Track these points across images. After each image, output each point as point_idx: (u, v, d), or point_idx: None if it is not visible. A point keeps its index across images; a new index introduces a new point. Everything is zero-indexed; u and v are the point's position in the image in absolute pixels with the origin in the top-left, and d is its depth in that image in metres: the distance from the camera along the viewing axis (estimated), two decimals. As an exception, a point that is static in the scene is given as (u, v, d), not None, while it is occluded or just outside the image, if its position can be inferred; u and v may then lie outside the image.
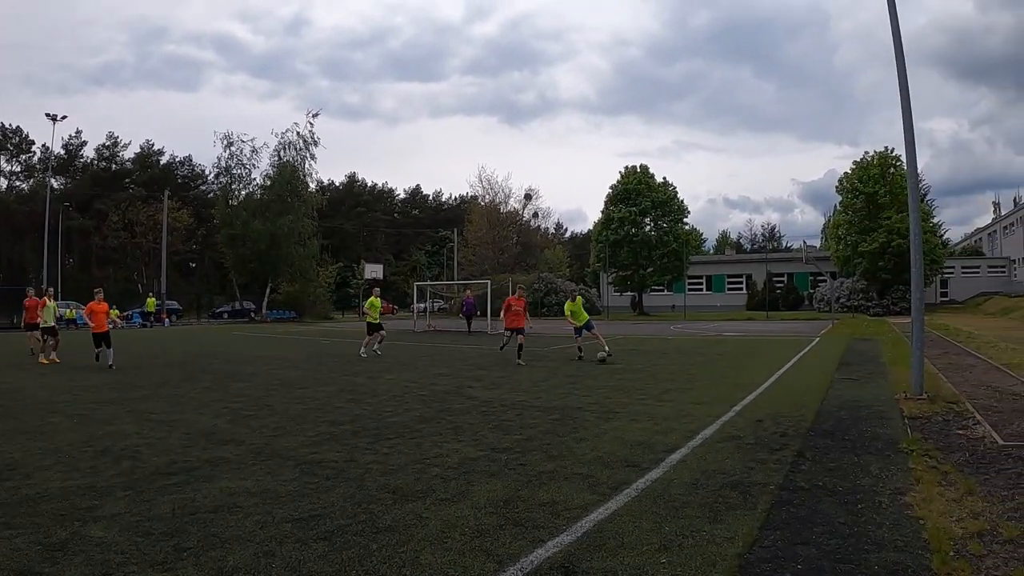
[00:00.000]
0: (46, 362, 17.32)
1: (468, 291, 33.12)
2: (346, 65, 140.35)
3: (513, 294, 17.94)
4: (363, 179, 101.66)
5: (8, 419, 9.13)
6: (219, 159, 61.25)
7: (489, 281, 38.09)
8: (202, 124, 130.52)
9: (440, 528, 4.57)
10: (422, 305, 31.42)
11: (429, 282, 47.03)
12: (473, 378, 13.44)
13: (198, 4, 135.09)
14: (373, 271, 58.86)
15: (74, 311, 39.67)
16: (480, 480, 5.80)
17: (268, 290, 57.71)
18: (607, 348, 16.60)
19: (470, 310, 31.25)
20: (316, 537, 4.46)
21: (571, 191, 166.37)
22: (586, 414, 9.06)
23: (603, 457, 6.54)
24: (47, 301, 18.42)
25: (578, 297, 18.13)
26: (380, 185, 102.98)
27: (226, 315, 56.17)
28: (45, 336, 18.09)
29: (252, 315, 55.18)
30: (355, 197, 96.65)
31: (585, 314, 17.73)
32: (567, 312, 17.80)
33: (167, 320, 48.86)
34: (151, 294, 50.40)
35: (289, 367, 16.36)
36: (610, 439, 7.39)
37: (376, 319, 19.09)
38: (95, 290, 17.09)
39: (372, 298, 19.39)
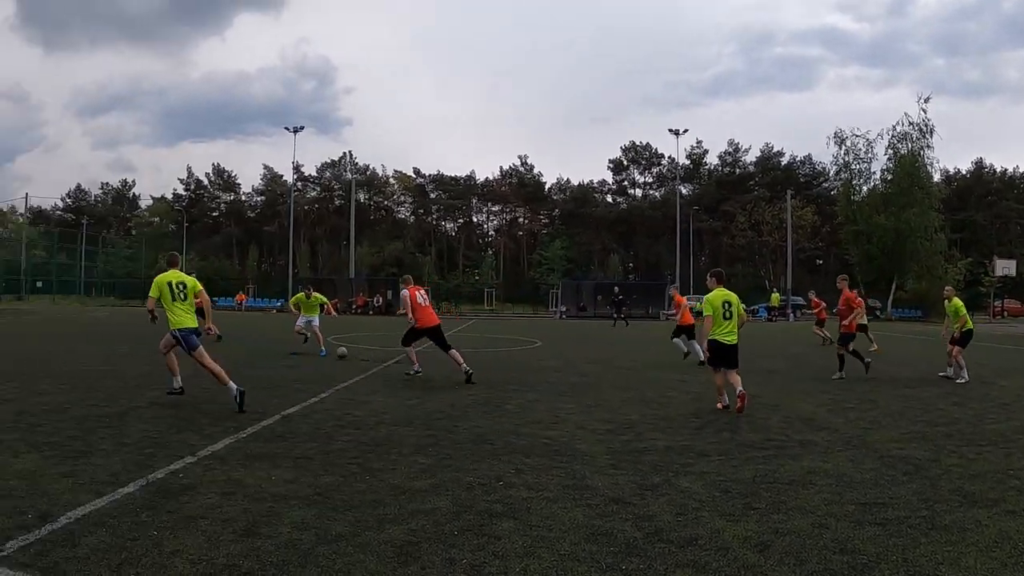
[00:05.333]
0: None
1: None
2: (960, 38, 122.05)
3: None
4: (990, 164, 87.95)
5: (631, 390, 11.42)
6: (835, 156, 61.40)
7: None
8: (821, 121, 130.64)
9: (994, 537, 4.52)
10: None
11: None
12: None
13: (795, 3, 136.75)
14: (1005, 267, 53.96)
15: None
16: (1061, 500, 5.29)
17: (893, 287, 55.60)
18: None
19: None
20: (872, 521, 4.78)
21: None
22: None
23: None
24: None
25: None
26: (1011, 170, 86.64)
27: (849, 311, 56.46)
28: None
29: (877, 313, 53.07)
30: (984, 185, 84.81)
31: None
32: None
33: (792, 315, 50.76)
34: (775, 289, 54.15)
35: (901, 364, 16.19)
36: None
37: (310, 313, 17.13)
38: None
39: (299, 294, 17.69)
